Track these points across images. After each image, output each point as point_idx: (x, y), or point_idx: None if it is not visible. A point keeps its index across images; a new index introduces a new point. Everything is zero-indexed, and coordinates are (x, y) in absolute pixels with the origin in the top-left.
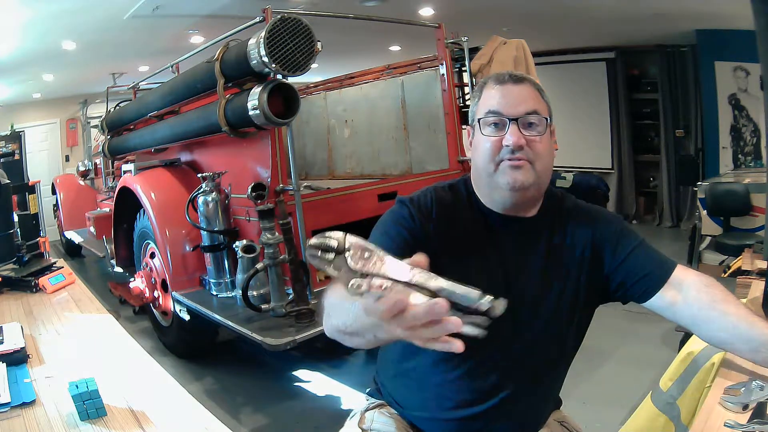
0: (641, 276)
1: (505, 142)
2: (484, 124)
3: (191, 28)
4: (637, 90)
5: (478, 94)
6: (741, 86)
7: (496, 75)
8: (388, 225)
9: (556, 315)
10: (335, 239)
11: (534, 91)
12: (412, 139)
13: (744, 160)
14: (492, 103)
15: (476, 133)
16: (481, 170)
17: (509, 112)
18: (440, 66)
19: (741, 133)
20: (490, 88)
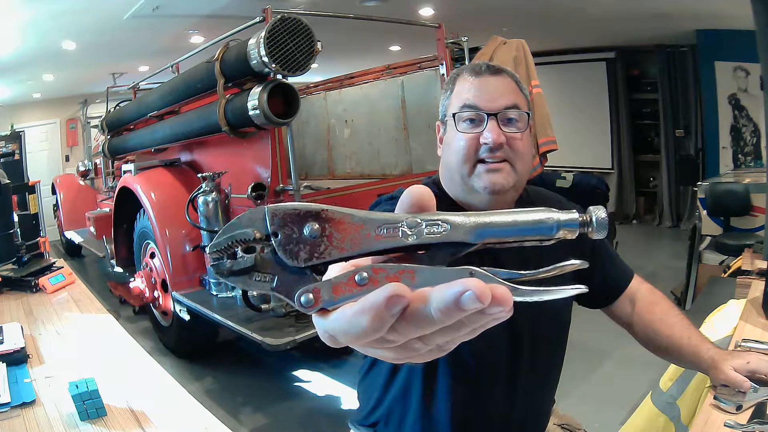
0: (604, 282)
1: (483, 140)
2: (459, 119)
3: (191, 28)
4: (637, 90)
5: (450, 86)
6: (741, 86)
7: (471, 65)
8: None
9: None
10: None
11: (513, 83)
12: (412, 139)
13: (744, 160)
14: (468, 96)
15: (449, 130)
16: (454, 171)
17: (487, 107)
18: (440, 66)
19: (741, 133)
20: (465, 80)
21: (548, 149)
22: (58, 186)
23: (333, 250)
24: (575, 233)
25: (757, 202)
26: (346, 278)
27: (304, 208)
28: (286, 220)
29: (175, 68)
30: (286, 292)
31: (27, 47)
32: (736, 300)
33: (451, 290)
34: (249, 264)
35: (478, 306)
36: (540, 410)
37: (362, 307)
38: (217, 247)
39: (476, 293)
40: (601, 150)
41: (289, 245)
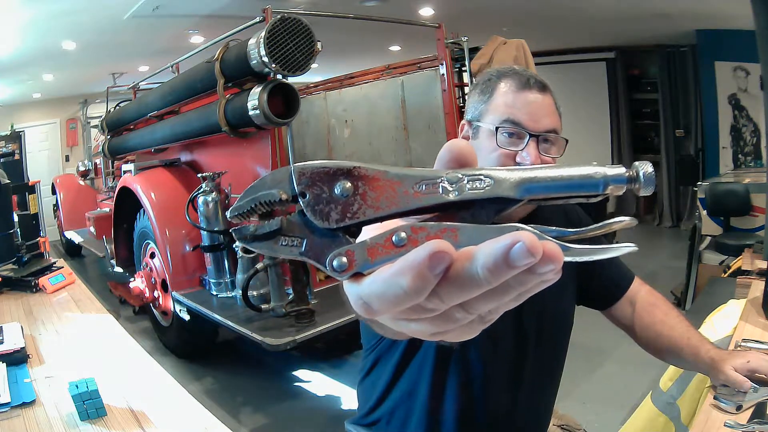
0: (605, 284)
1: (521, 160)
2: (500, 132)
3: (191, 28)
4: (637, 90)
5: (489, 90)
6: (741, 86)
7: (516, 75)
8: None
9: (558, 314)
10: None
11: (554, 103)
12: (412, 139)
13: (744, 160)
14: (512, 111)
15: (483, 137)
16: None
17: (531, 127)
18: (440, 66)
19: (741, 133)
20: (510, 90)
21: None
22: (58, 186)
23: (367, 210)
24: (623, 189)
25: (757, 202)
26: (382, 239)
27: (334, 166)
28: (314, 179)
29: (175, 68)
30: (316, 256)
31: (27, 47)
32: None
33: (499, 244)
34: (275, 227)
35: (529, 261)
36: (543, 410)
37: (402, 267)
38: (239, 211)
39: (527, 245)
40: (601, 150)
41: (319, 205)
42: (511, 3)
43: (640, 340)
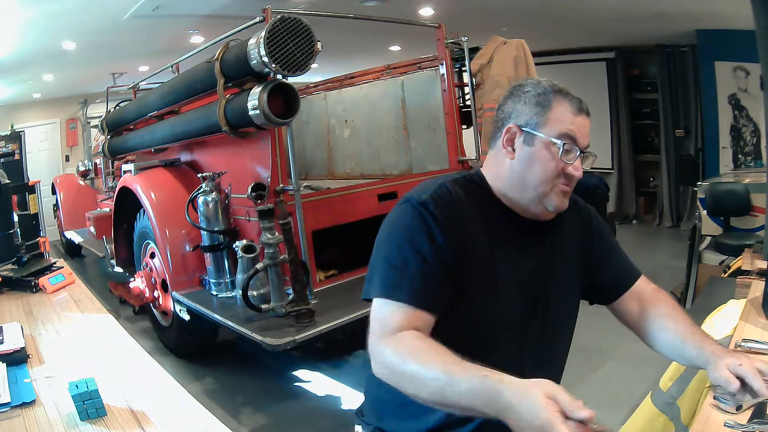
0: (612, 278)
1: (574, 172)
2: (561, 146)
3: (191, 28)
4: (637, 90)
5: (546, 105)
6: (741, 86)
7: (570, 98)
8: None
9: (566, 308)
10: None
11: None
12: (412, 139)
13: (744, 160)
14: (572, 129)
15: (539, 146)
16: (530, 186)
17: (582, 144)
18: (440, 66)
19: (741, 133)
20: (567, 111)
21: None
22: (58, 186)
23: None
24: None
25: (757, 202)
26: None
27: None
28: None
29: (175, 68)
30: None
31: (27, 47)
32: (736, 300)
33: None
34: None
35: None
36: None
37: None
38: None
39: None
40: (601, 150)
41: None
42: (511, 3)
43: (645, 333)
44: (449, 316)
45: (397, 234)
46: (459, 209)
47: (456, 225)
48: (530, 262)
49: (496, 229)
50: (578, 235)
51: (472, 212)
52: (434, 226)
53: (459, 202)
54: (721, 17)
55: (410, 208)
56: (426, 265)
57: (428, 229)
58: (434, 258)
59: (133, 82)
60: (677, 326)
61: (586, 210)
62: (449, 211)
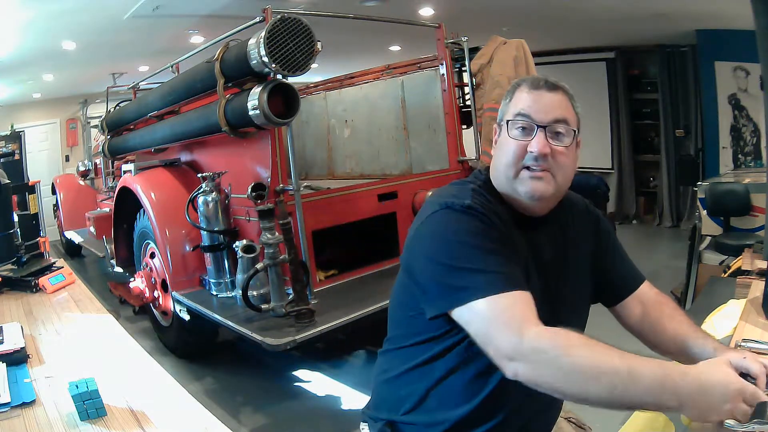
0: (616, 281)
1: (530, 148)
2: (512, 126)
3: (191, 28)
4: (637, 90)
5: (510, 95)
6: (741, 86)
7: (532, 78)
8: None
9: (578, 308)
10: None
11: (567, 100)
12: (412, 139)
13: (744, 160)
14: (523, 105)
15: (502, 134)
16: (501, 173)
17: (539, 118)
18: (440, 66)
19: (741, 133)
20: (523, 91)
21: None
22: (58, 186)
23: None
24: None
25: (757, 202)
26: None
27: None
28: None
29: (175, 68)
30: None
31: (27, 47)
32: (736, 300)
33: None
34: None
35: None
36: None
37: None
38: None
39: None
40: (601, 150)
41: None
42: (511, 3)
43: (647, 335)
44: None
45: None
46: (492, 210)
47: (498, 225)
48: (540, 257)
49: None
50: (589, 233)
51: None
52: (488, 223)
53: (489, 203)
54: (721, 17)
55: (458, 213)
56: (503, 255)
57: (486, 226)
58: (505, 247)
59: (133, 82)
60: (680, 327)
61: (595, 211)
62: (489, 211)
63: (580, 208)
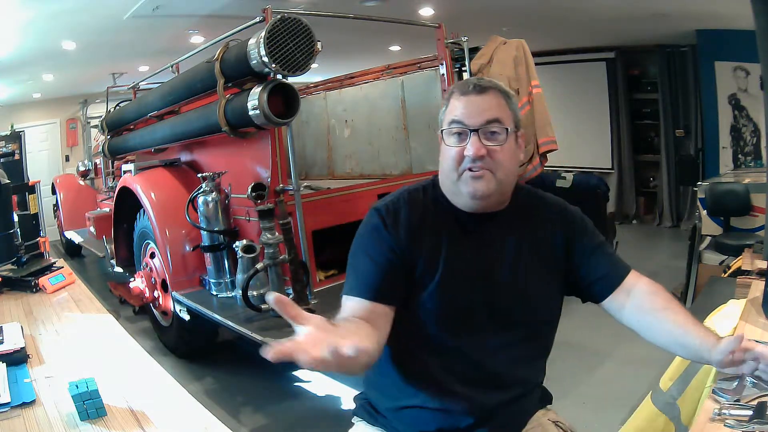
0: (600, 276)
1: (466, 153)
2: (448, 134)
3: (191, 28)
4: (637, 90)
5: (445, 103)
6: (741, 86)
7: (461, 84)
8: (369, 245)
9: (533, 304)
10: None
11: (499, 99)
12: (412, 139)
13: (744, 160)
14: (456, 113)
15: (442, 142)
16: (446, 177)
17: (470, 123)
18: (440, 66)
19: (741, 133)
20: (455, 98)
21: (548, 149)
22: (58, 186)
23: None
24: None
25: (757, 202)
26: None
27: None
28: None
29: (175, 68)
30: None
31: (27, 47)
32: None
33: None
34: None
35: None
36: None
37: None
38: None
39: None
40: (601, 150)
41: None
42: (511, 3)
43: (642, 328)
44: (415, 302)
45: (363, 240)
46: (413, 212)
47: (407, 226)
48: (483, 256)
49: (448, 231)
50: (554, 232)
51: (426, 214)
52: (390, 222)
53: (414, 207)
54: (721, 17)
55: (372, 213)
56: (374, 264)
57: (378, 233)
58: (381, 257)
59: (133, 82)
60: (677, 317)
61: (573, 214)
62: (402, 214)
63: (555, 209)
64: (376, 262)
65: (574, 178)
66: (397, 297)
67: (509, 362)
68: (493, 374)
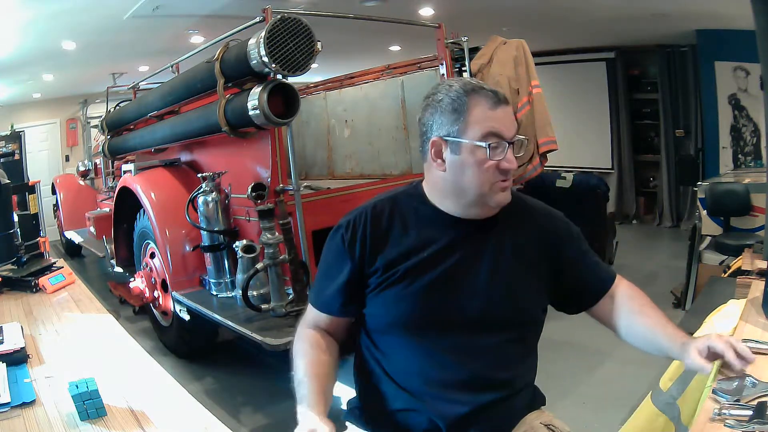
0: (587, 284)
1: (507, 165)
2: (482, 146)
3: (191, 28)
4: (637, 90)
5: (462, 109)
6: (741, 86)
7: (485, 93)
8: (329, 262)
9: (517, 306)
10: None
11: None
12: (412, 139)
13: (744, 160)
14: (493, 125)
15: (466, 152)
16: (470, 188)
17: (508, 136)
18: (440, 66)
19: (741, 133)
20: (484, 108)
21: (548, 149)
22: (58, 186)
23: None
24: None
25: (757, 202)
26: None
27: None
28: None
29: (175, 68)
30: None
31: (27, 47)
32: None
33: None
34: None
35: None
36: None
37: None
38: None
39: None
40: (601, 150)
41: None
42: (511, 3)
43: (619, 328)
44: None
45: (326, 259)
46: (375, 226)
47: (368, 241)
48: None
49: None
50: (539, 237)
51: (397, 221)
52: (341, 247)
53: (377, 219)
54: (721, 17)
55: (335, 231)
56: (332, 282)
57: (337, 251)
58: (339, 275)
59: (133, 82)
60: (647, 320)
61: (553, 216)
62: (360, 231)
63: (540, 214)
64: (334, 279)
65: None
66: (350, 312)
67: (494, 364)
68: (479, 376)
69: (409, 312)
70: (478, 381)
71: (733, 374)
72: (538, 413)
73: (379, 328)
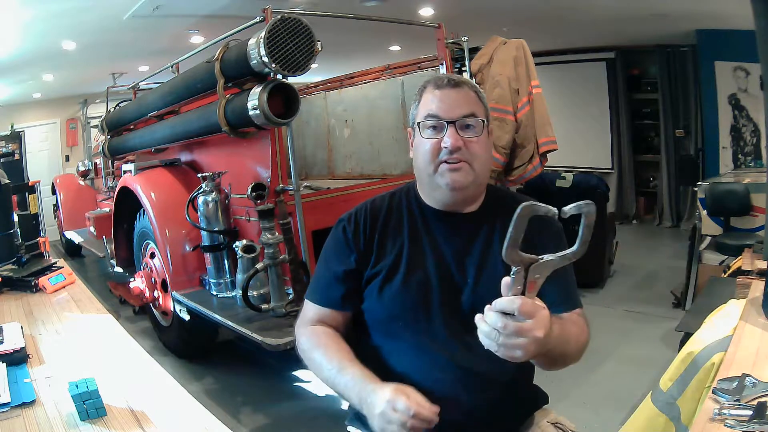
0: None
1: (444, 144)
2: (423, 127)
3: (191, 28)
4: (637, 90)
5: (418, 98)
6: (741, 86)
7: (435, 79)
8: (330, 255)
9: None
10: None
11: (472, 94)
12: None
13: (744, 160)
14: (431, 107)
15: (416, 136)
16: (422, 171)
17: (447, 116)
18: (440, 66)
19: (741, 133)
20: (429, 93)
21: (548, 149)
22: (58, 186)
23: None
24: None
25: (757, 202)
26: None
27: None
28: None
29: (175, 68)
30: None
31: (27, 47)
32: (736, 300)
33: None
34: None
35: None
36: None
37: None
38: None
39: None
40: (601, 150)
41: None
42: (511, 3)
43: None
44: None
45: (327, 251)
46: (373, 220)
47: (367, 234)
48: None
49: (416, 231)
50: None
51: (390, 219)
52: (342, 241)
53: (375, 214)
54: (721, 17)
55: (337, 225)
56: (332, 275)
57: (338, 244)
58: (339, 268)
59: (133, 82)
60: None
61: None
62: (361, 224)
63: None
64: (335, 272)
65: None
66: (351, 305)
67: (489, 362)
68: (475, 375)
69: (399, 306)
70: (475, 380)
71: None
72: (543, 412)
73: (375, 324)
